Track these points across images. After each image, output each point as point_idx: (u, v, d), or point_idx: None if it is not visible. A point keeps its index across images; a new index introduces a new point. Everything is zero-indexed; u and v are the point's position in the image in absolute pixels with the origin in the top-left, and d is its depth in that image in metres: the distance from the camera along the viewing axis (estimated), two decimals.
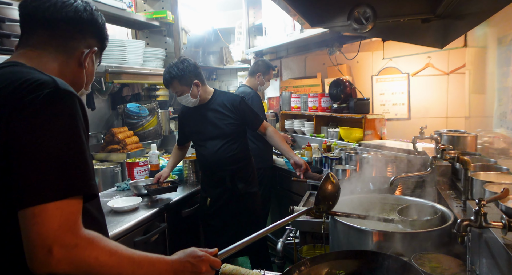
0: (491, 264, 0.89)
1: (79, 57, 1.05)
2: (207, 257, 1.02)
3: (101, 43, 1.13)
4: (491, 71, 1.99)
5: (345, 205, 1.55)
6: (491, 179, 1.29)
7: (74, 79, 1.07)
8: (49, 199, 0.77)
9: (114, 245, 0.87)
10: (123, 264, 0.85)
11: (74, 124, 0.85)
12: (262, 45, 4.18)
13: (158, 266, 0.93)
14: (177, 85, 2.40)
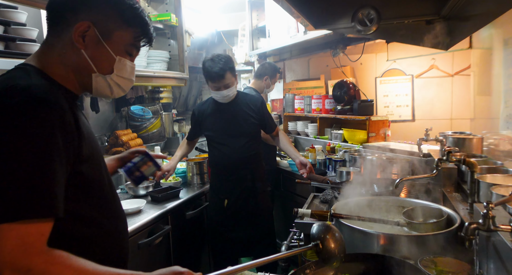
0: (499, 267, 0.88)
1: (70, 38, 0.93)
2: (190, 273, 0.92)
3: (111, 14, 0.96)
4: (497, 73, 1.97)
5: (350, 207, 1.54)
6: (498, 181, 1.27)
7: (76, 65, 0.96)
8: (2, 220, 0.73)
9: (79, 264, 0.80)
10: None
11: (40, 138, 0.77)
12: (265, 47, 4.18)
13: None
14: (229, 76, 2.42)
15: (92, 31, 0.94)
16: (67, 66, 0.96)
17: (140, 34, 1.02)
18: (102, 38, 0.96)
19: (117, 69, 1.00)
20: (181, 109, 5.11)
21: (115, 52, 0.99)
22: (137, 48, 1.05)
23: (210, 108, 2.58)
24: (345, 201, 1.58)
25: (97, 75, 0.98)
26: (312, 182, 2.47)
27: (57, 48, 0.95)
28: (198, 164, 2.82)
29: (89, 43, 0.95)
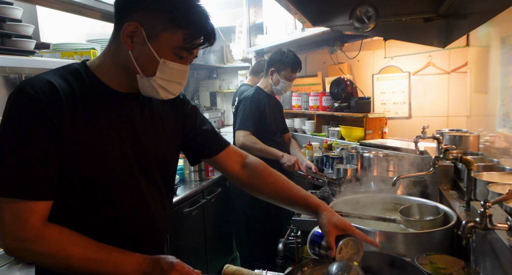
0: (495, 265, 0.89)
1: (123, 39, 0.95)
2: (181, 265, 0.96)
3: (161, 16, 0.94)
4: (494, 71, 1.98)
5: (347, 205, 1.55)
6: (494, 179, 1.28)
7: (125, 64, 0.99)
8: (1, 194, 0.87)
9: (71, 239, 0.92)
10: (72, 259, 0.90)
11: (21, 127, 0.88)
12: (263, 44, 4.17)
13: (121, 264, 0.94)
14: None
15: (140, 32, 0.94)
16: (117, 65, 1.00)
17: (192, 36, 0.97)
18: (148, 40, 0.95)
19: (161, 71, 0.97)
20: None
21: (160, 54, 0.96)
22: (189, 50, 0.99)
23: (267, 99, 2.71)
24: (343, 198, 1.59)
25: (141, 77, 0.99)
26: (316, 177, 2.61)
27: (113, 46, 1.01)
28: None
29: (136, 44, 0.96)
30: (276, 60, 2.68)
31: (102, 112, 0.99)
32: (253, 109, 2.59)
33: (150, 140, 1.09)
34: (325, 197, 2.17)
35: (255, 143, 2.54)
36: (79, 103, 0.95)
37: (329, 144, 3.29)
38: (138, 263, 0.95)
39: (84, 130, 0.94)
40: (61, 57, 2.15)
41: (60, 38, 2.41)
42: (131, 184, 1.05)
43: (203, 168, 2.85)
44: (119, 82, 1.02)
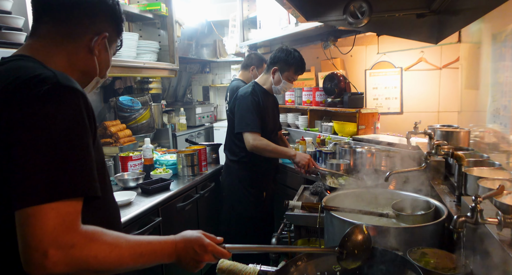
0: (485, 259, 0.91)
1: (88, 44, 1.01)
2: (213, 247, 1.01)
3: (115, 26, 1.07)
4: (485, 67, 2.00)
5: (339, 199, 1.56)
6: (484, 174, 1.30)
7: (86, 68, 1.04)
8: (43, 201, 0.75)
9: (114, 238, 0.87)
10: (124, 257, 0.86)
11: (74, 122, 0.81)
12: (256, 38, 4.16)
13: (160, 251, 0.95)
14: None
15: (105, 40, 1.05)
16: (75, 66, 1.01)
17: (121, 30, 1.12)
18: (108, 45, 1.07)
19: (109, 73, 1.13)
20: (171, 100, 5.06)
21: (110, 57, 1.10)
22: (118, 43, 1.15)
23: (265, 97, 2.66)
24: (336, 193, 1.60)
25: (97, 79, 1.09)
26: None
27: (69, 47, 1.00)
28: (190, 156, 2.81)
29: (100, 50, 1.05)
30: (280, 59, 2.56)
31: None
32: (255, 107, 2.53)
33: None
34: (318, 192, 2.19)
35: (267, 145, 2.50)
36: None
37: (322, 139, 3.31)
38: (172, 247, 0.97)
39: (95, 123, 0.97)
40: None
41: None
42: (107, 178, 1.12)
43: (196, 163, 2.84)
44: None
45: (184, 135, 4.30)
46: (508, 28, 1.61)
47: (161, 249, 0.95)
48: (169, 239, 0.98)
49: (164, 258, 0.95)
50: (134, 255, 0.89)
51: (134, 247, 0.89)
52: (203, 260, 1.00)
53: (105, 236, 0.85)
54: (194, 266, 1.00)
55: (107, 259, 0.83)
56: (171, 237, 0.99)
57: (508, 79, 1.63)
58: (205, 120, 5.02)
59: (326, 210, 1.39)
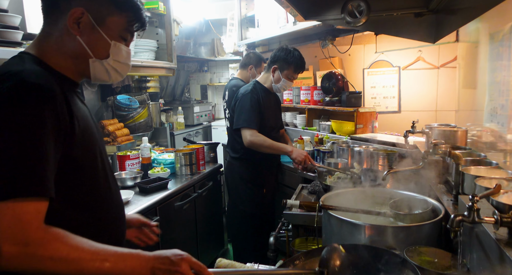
0: (482, 257, 0.91)
1: (67, 26, 0.96)
2: (189, 257, 0.94)
3: (101, 3, 0.98)
4: (482, 66, 2.01)
5: (337, 198, 1.56)
6: (481, 173, 1.31)
7: (74, 51, 0.99)
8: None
9: (78, 241, 0.84)
10: (84, 261, 0.82)
11: (30, 121, 0.80)
12: (254, 37, 4.15)
13: (130, 261, 0.88)
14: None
15: (86, 17, 0.97)
16: (65, 53, 0.99)
17: (133, 19, 1.04)
18: (96, 24, 0.98)
19: (113, 53, 1.03)
20: (169, 98, 5.05)
21: (110, 37, 1.01)
22: (131, 33, 1.07)
23: (265, 94, 2.68)
24: (333, 192, 1.60)
25: (94, 60, 1.01)
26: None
27: (54, 36, 0.98)
28: (188, 155, 2.81)
29: (84, 29, 0.97)
30: (280, 57, 2.60)
31: (78, 103, 1.02)
32: (254, 105, 2.56)
33: (99, 131, 1.13)
34: (316, 191, 2.19)
35: (264, 141, 2.53)
36: (66, 94, 0.93)
37: (320, 138, 3.31)
38: (145, 259, 0.90)
39: (77, 123, 0.94)
40: None
41: None
42: (108, 171, 1.11)
43: (194, 162, 2.84)
44: (70, 70, 1.02)
45: (182, 134, 4.30)
46: (505, 27, 1.61)
47: (131, 258, 0.88)
48: (141, 252, 0.92)
49: (136, 268, 0.87)
50: (97, 260, 0.83)
51: (99, 252, 0.85)
52: (179, 269, 0.90)
53: (67, 238, 0.83)
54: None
55: (64, 261, 0.80)
56: (144, 252, 0.93)
57: (505, 78, 1.63)
58: (203, 119, 5.01)
59: (324, 209, 1.39)
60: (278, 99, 2.93)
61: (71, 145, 0.91)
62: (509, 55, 1.58)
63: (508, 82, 1.60)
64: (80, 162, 0.96)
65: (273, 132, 2.76)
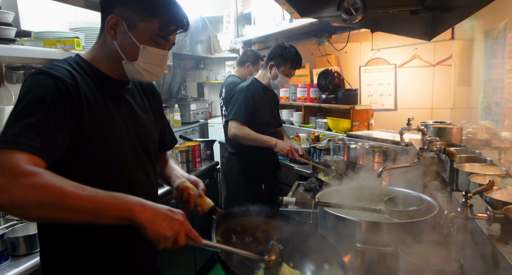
0: (475, 253, 0.92)
1: (107, 30, 1.10)
2: (183, 215, 0.96)
3: (134, 7, 1.08)
4: (477, 64, 2.02)
5: (333, 195, 1.57)
6: (475, 170, 1.31)
7: (110, 53, 1.13)
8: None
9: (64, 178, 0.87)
10: (67, 190, 0.83)
11: (37, 96, 0.95)
12: (250, 35, 4.15)
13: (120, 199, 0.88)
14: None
15: (121, 24, 1.09)
16: (107, 55, 1.14)
17: (165, 24, 1.10)
18: (128, 29, 1.09)
19: (142, 56, 1.11)
20: (165, 96, 5.04)
21: (140, 41, 1.10)
22: (164, 37, 1.13)
23: (263, 91, 2.70)
24: (329, 189, 1.61)
25: (126, 62, 1.13)
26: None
27: (101, 39, 1.15)
28: (184, 153, 2.80)
29: (119, 34, 1.10)
30: (276, 54, 2.64)
31: (108, 96, 1.13)
32: (247, 99, 2.59)
33: (144, 119, 1.24)
34: (312, 188, 2.20)
35: (246, 134, 2.55)
36: (89, 87, 1.07)
37: (317, 135, 3.32)
38: (138, 200, 0.90)
39: (98, 111, 1.06)
40: (43, 45, 2.09)
41: (41, 26, 2.34)
42: (138, 161, 1.20)
43: (191, 159, 2.84)
44: (111, 70, 1.16)
45: (178, 131, 4.29)
46: (500, 25, 1.62)
47: (123, 196, 0.88)
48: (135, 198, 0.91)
49: (126, 204, 0.87)
50: (84, 190, 0.85)
51: (86, 188, 0.86)
52: (176, 221, 0.91)
53: (54, 174, 0.86)
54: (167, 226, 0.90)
55: (46, 188, 0.82)
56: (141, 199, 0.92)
57: (500, 76, 1.64)
58: (199, 116, 5.01)
59: (319, 206, 1.40)
60: (276, 97, 2.94)
61: (81, 126, 1.01)
62: (504, 52, 1.59)
63: (502, 80, 1.61)
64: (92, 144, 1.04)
65: (270, 128, 2.77)
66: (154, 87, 1.39)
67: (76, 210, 0.83)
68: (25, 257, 1.53)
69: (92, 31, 2.32)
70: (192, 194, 1.21)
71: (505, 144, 1.60)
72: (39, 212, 0.83)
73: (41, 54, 2.00)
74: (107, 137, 1.09)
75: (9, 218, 1.77)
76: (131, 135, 1.18)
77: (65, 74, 1.02)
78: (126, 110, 1.18)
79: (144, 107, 1.28)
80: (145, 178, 1.23)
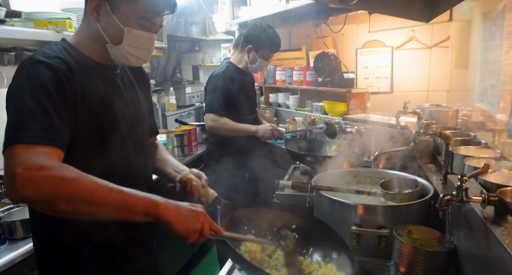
0: (468, 235, 0.94)
1: (90, 12, 1.06)
2: (205, 212, 0.96)
3: None
4: (475, 46, 2.00)
5: (329, 179, 1.58)
6: (470, 153, 1.32)
7: (94, 35, 1.08)
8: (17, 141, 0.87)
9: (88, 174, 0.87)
10: (96, 185, 0.84)
11: (30, 84, 0.93)
12: (246, 16, 4.07)
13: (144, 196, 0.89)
14: None
15: (104, 5, 1.04)
16: (91, 38, 1.10)
17: (151, 5, 1.06)
18: (112, 11, 1.05)
19: (127, 39, 1.07)
20: (160, 79, 4.98)
21: (124, 23, 1.06)
22: (149, 20, 1.08)
23: (235, 77, 2.50)
24: (325, 173, 1.62)
25: (110, 45, 1.09)
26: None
27: (85, 22, 1.11)
28: (180, 136, 2.79)
29: (102, 16, 1.06)
30: (254, 36, 2.46)
31: (98, 81, 1.10)
32: (223, 89, 2.42)
33: (135, 105, 1.22)
34: (308, 172, 2.21)
35: (224, 124, 2.43)
36: (81, 74, 1.04)
37: (313, 119, 3.32)
38: (161, 198, 0.92)
39: (91, 98, 1.04)
40: (34, 27, 2.04)
41: (31, 7, 2.27)
42: (132, 146, 1.18)
43: (186, 143, 2.84)
44: (97, 54, 1.12)
45: (173, 115, 4.26)
46: (499, 6, 1.60)
47: (149, 195, 0.90)
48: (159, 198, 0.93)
49: (151, 201, 0.89)
50: (112, 188, 0.85)
51: (113, 185, 0.87)
52: (200, 214, 0.93)
53: (78, 170, 0.86)
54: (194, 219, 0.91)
55: (76, 182, 0.82)
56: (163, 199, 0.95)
57: (497, 58, 1.63)
58: (195, 99, 4.97)
59: (315, 189, 1.41)
60: (253, 79, 2.80)
61: (75, 112, 1.00)
62: (502, 34, 1.57)
63: (499, 62, 1.61)
64: (82, 129, 1.03)
65: (249, 115, 2.64)
66: (142, 70, 1.35)
67: (104, 205, 0.84)
68: (22, 240, 1.54)
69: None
70: (195, 185, 1.21)
71: (500, 126, 1.61)
72: (66, 206, 0.82)
73: (33, 36, 1.95)
74: (99, 124, 1.07)
75: (5, 202, 1.77)
76: (125, 120, 1.16)
77: (59, 62, 1.00)
78: (116, 96, 1.16)
79: (135, 92, 1.26)
80: (140, 161, 1.22)
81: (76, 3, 2.42)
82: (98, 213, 0.84)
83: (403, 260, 1.03)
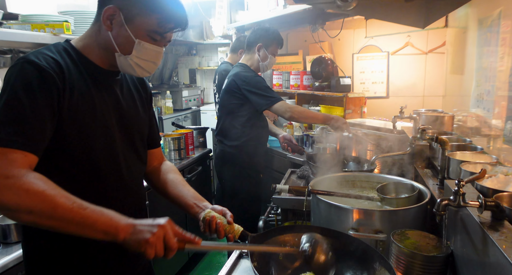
0: (465, 239, 0.94)
1: (103, 21, 1.06)
2: (171, 223, 0.94)
3: (133, 3, 1.05)
4: (470, 52, 2.02)
5: (326, 183, 1.58)
6: (466, 158, 1.33)
7: (104, 43, 1.09)
8: None
9: (57, 186, 0.87)
10: (59, 199, 0.85)
11: (19, 85, 0.93)
12: (243, 21, 4.08)
13: (106, 213, 0.89)
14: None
15: (118, 15, 1.05)
16: (99, 44, 1.10)
17: (164, 21, 1.07)
18: (125, 22, 1.06)
19: (136, 51, 1.08)
20: (156, 82, 4.98)
21: (136, 35, 1.07)
22: (161, 34, 1.09)
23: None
24: (322, 177, 1.62)
25: (119, 55, 1.10)
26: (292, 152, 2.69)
27: (95, 28, 1.11)
28: (176, 140, 2.79)
29: (115, 26, 1.06)
30: (262, 35, 2.60)
31: (94, 86, 1.09)
32: (263, 80, 2.57)
33: (131, 112, 1.21)
34: (305, 176, 2.21)
35: (303, 111, 2.49)
36: (75, 77, 1.04)
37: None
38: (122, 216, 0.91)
39: (80, 101, 1.03)
40: (31, 29, 2.04)
41: (28, 9, 2.27)
42: (121, 156, 1.16)
43: (183, 146, 2.83)
44: (102, 59, 1.13)
45: (170, 118, 4.26)
46: (494, 13, 1.62)
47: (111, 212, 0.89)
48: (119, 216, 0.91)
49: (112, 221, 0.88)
50: (74, 203, 0.86)
51: (78, 200, 0.87)
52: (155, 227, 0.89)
53: (49, 181, 0.87)
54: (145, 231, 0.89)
55: (40, 195, 0.83)
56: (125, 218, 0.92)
57: (493, 65, 1.65)
58: (192, 103, 4.97)
59: (312, 193, 1.41)
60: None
61: (62, 116, 0.99)
62: (497, 40, 1.59)
63: (495, 68, 1.62)
64: (69, 134, 1.01)
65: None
66: (145, 82, 1.35)
67: (64, 221, 0.85)
68: (16, 244, 1.52)
69: (81, 15, 2.26)
70: (220, 223, 1.18)
71: (495, 131, 1.62)
72: (28, 217, 0.84)
73: (30, 38, 1.95)
74: (86, 129, 1.05)
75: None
76: (115, 128, 1.14)
77: (51, 63, 1.00)
78: (111, 102, 1.14)
79: (132, 100, 1.24)
80: (130, 169, 1.19)
81: (73, 6, 2.42)
82: (60, 227, 0.86)
83: (400, 265, 1.03)
